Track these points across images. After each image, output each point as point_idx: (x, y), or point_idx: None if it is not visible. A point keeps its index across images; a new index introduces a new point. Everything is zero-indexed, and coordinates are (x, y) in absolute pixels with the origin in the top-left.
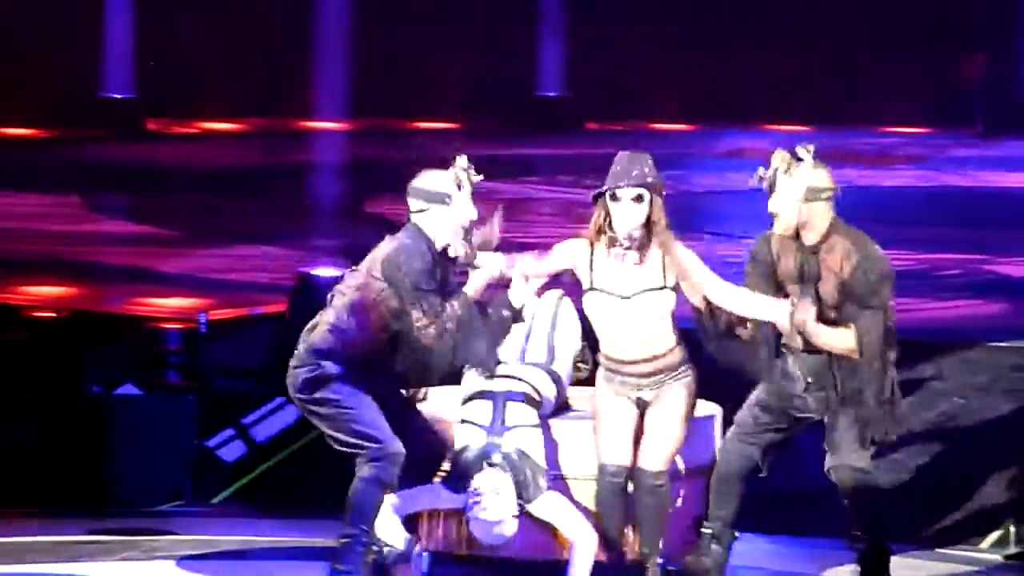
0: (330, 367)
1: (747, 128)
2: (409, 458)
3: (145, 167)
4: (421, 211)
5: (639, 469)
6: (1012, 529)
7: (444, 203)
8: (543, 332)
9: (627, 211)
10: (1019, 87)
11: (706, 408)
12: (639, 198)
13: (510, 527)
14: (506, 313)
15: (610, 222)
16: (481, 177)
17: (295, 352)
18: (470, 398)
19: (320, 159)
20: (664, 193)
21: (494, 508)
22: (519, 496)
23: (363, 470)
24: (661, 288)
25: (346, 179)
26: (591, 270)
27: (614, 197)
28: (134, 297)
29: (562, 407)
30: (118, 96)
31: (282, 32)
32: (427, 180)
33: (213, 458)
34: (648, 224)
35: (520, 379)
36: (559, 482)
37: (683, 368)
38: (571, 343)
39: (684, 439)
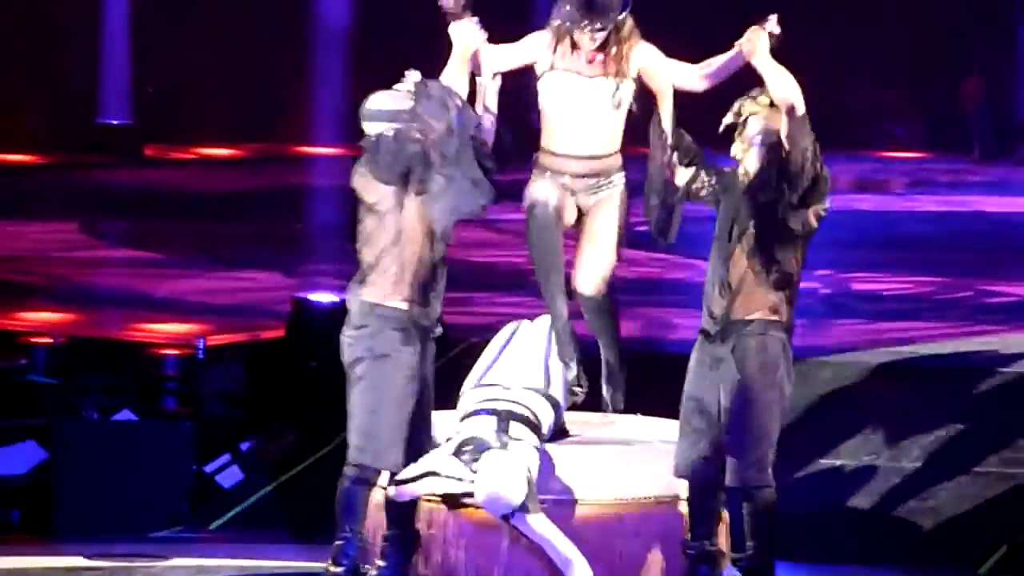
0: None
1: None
2: None
3: (143, 193)
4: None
5: (578, 293)
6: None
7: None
8: (538, 357)
9: (588, 40)
10: (1016, 112)
11: None
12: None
13: (518, 492)
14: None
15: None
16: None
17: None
18: (471, 414)
19: (317, 184)
20: (629, 7)
21: (502, 468)
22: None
23: (347, 468)
24: (620, 75)
25: (342, 204)
26: (553, 54)
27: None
28: (132, 323)
29: (559, 432)
30: (116, 122)
31: (279, 57)
32: (381, 100)
33: (211, 484)
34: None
35: (519, 403)
36: (556, 507)
37: (618, 175)
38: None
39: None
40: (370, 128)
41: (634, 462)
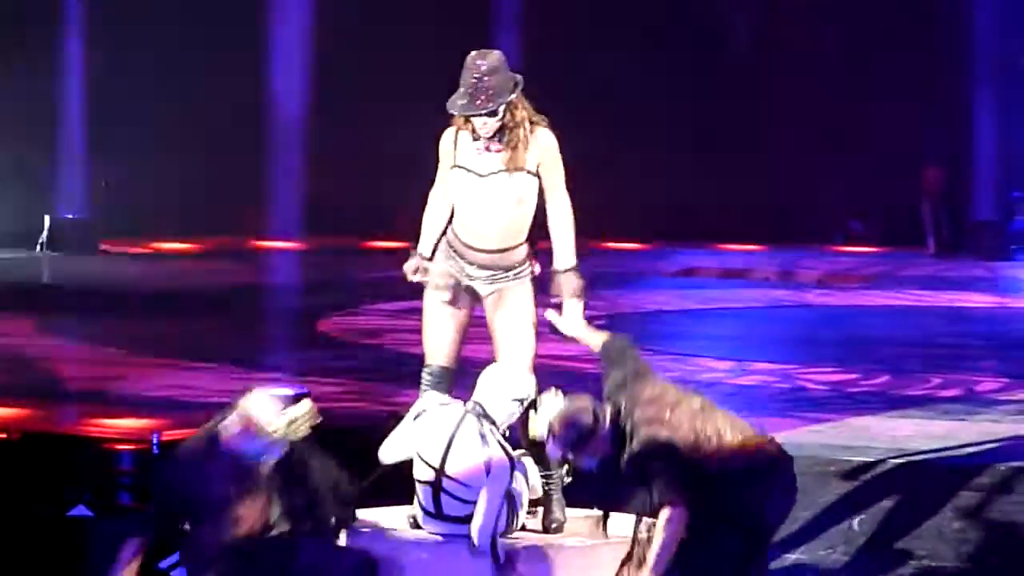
0: None
1: (700, 247)
2: None
3: (98, 287)
4: None
5: None
6: None
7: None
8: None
9: (481, 124)
10: (974, 208)
11: None
12: (493, 112)
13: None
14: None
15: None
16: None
17: None
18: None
19: (273, 278)
20: (519, 88)
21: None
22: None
23: None
24: (520, 171)
25: (299, 298)
26: (455, 149)
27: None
28: (87, 418)
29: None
30: (71, 216)
31: (235, 151)
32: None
33: None
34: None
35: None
36: None
37: (521, 268)
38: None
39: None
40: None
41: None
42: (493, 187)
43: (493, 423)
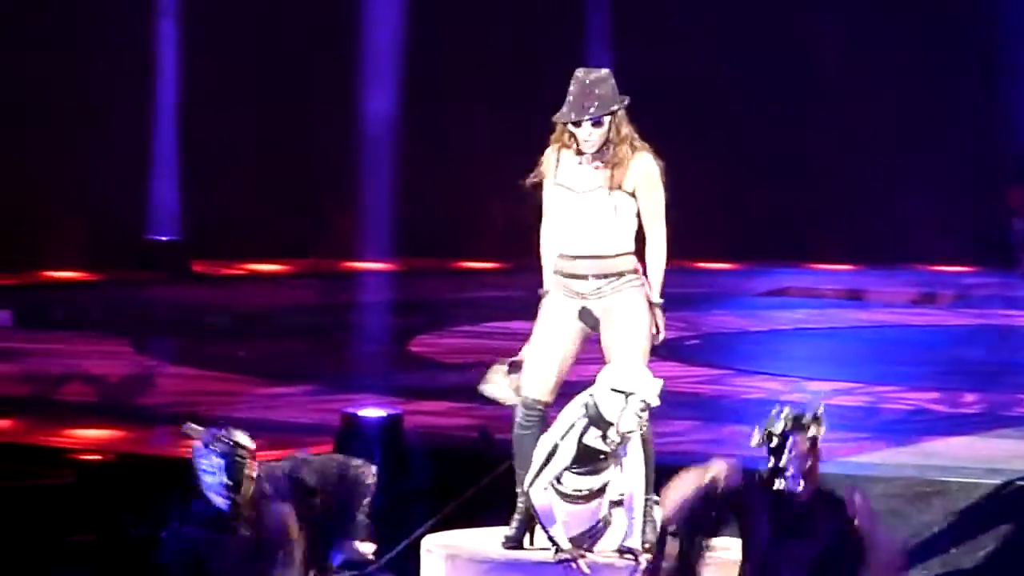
0: None
1: (790, 267)
2: None
3: (192, 308)
4: None
5: None
6: None
7: None
8: None
9: (586, 135)
10: None
11: None
12: (598, 123)
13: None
14: None
15: (573, 137)
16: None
17: None
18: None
19: (365, 299)
20: (625, 106)
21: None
22: None
23: None
24: (619, 190)
25: (391, 319)
26: (556, 167)
27: (575, 123)
28: (181, 439)
29: None
30: (164, 238)
31: (326, 173)
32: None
33: None
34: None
35: None
36: None
37: (633, 275)
38: None
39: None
40: None
41: None
42: (591, 203)
43: (607, 422)
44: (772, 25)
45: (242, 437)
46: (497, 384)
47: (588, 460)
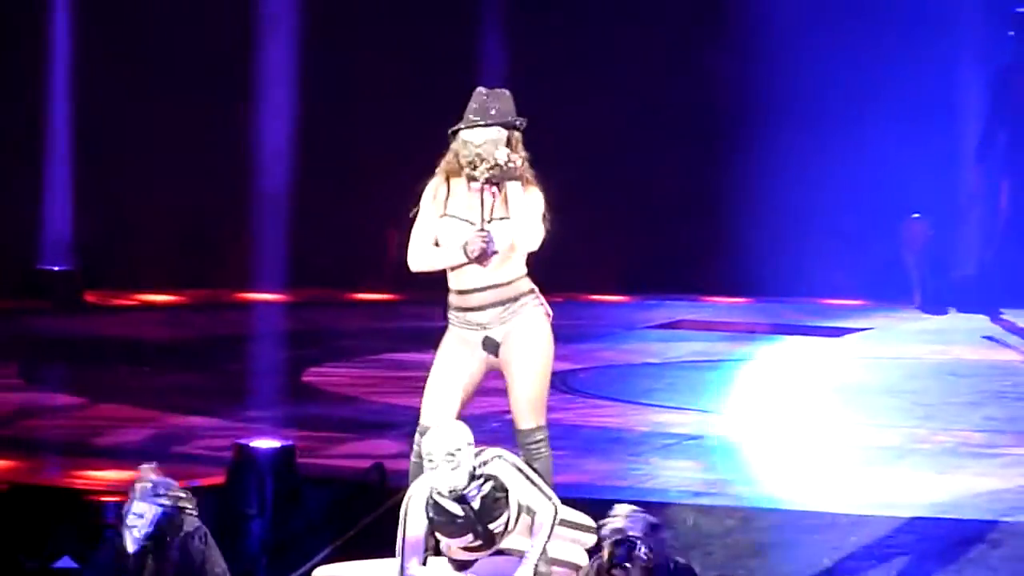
0: None
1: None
2: None
3: (83, 339)
4: None
5: (517, 430)
6: None
7: None
8: None
9: (480, 140)
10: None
11: None
12: (491, 130)
13: None
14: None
15: (467, 160)
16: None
17: None
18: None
19: (257, 330)
20: (522, 128)
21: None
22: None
23: None
24: (505, 216)
25: (284, 349)
26: (447, 198)
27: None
28: (71, 470)
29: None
30: (56, 268)
31: (219, 203)
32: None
33: None
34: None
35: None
36: None
37: (530, 296)
38: None
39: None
40: None
41: None
42: (495, 232)
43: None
44: (671, 59)
45: (185, 495)
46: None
47: (456, 522)
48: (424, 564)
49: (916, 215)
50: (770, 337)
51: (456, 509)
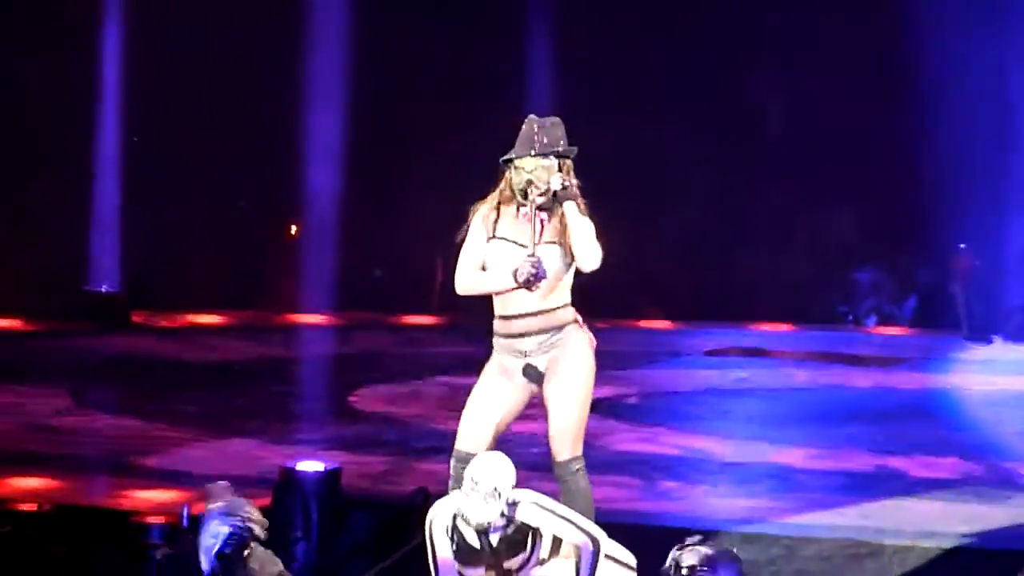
0: None
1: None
2: None
3: (130, 359)
4: None
5: (554, 462)
6: None
7: None
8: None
9: (531, 167)
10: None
11: None
12: (545, 158)
13: None
14: None
15: (519, 188)
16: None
17: None
18: None
19: (304, 352)
20: (572, 157)
21: None
22: None
23: None
24: (560, 243)
25: (331, 372)
26: (496, 223)
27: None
28: (117, 490)
29: None
30: (104, 289)
31: (266, 228)
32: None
33: None
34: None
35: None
36: None
37: (574, 326)
38: None
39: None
40: None
41: None
42: (542, 256)
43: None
44: (717, 92)
45: (256, 516)
46: None
47: (472, 553)
48: None
49: (962, 245)
50: (816, 365)
51: (475, 541)
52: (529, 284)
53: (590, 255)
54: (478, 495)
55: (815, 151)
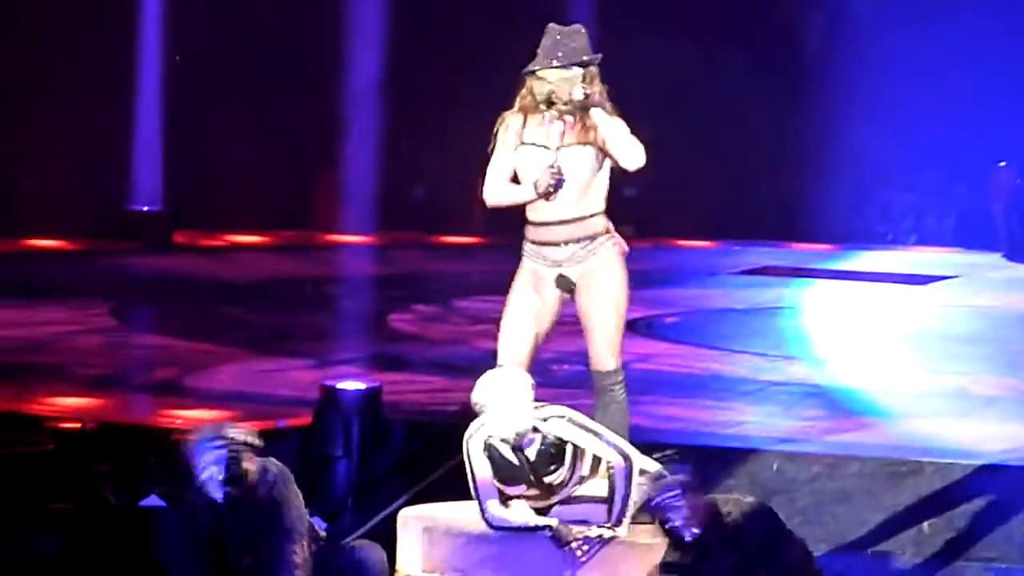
0: None
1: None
2: None
3: (171, 279)
4: None
5: (596, 372)
6: None
7: None
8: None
9: (553, 78)
10: None
11: None
12: (566, 69)
13: None
14: None
15: (541, 97)
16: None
17: None
18: None
19: (346, 272)
20: (597, 63)
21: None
22: None
23: None
24: (589, 144)
25: (372, 292)
26: (523, 129)
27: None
28: (159, 409)
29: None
30: (145, 208)
31: (308, 145)
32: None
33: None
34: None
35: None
36: None
37: (605, 236)
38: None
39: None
40: None
41: None
42: (570, 158)
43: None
44: (757, 9)
45: (238, 433)
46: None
47: (510, 470)
48: (505, 505)
49: (1003, 163)
50: (855, 284)
51: (511, 457)
52: (549, 194)
53: (630, 152)
54: (494, 411)
55: (853, 69)
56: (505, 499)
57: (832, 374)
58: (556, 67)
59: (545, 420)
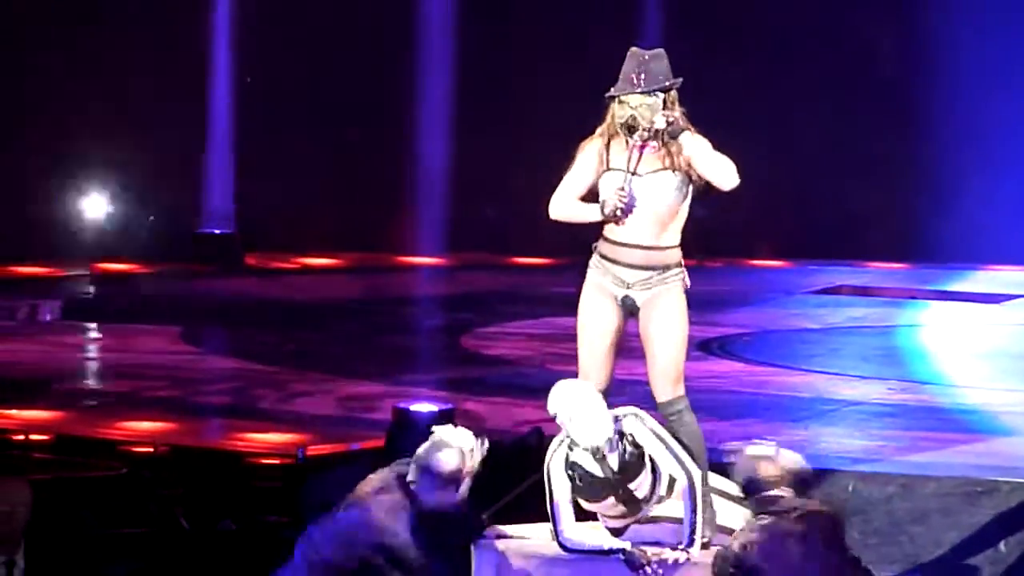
0: None
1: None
2: None
3: (244, 302)
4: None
5: (657, 403)
6: None
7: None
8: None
9: (636, 103)
10: None
11: None
12: (649, 95)
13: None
14: None
15: (621, 122)
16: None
17: None
18: None
19: (417, 293)
20: (677, 88)
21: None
22: None
23: None
24: (679, 170)
25: (444, 313)
26: (607, 154)
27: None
28: (232, 432)
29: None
30: (217, 231)
31: (379, 169)
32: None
33: None
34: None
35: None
36: None
37: (675, 271)
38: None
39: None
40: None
41: None
42: (652, 184)
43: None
44: (832, 26)
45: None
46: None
47: (595, 483)
48: (587, 522)
49: None
50: (930, 303)
51: (595, 469)
52: (617, 218)
53: (725, 172)
54: (579, 419)
55: (926, 89)
56: (588, 516)
57: (907, 393)
58: (639, 92)
59: (619, 419)
